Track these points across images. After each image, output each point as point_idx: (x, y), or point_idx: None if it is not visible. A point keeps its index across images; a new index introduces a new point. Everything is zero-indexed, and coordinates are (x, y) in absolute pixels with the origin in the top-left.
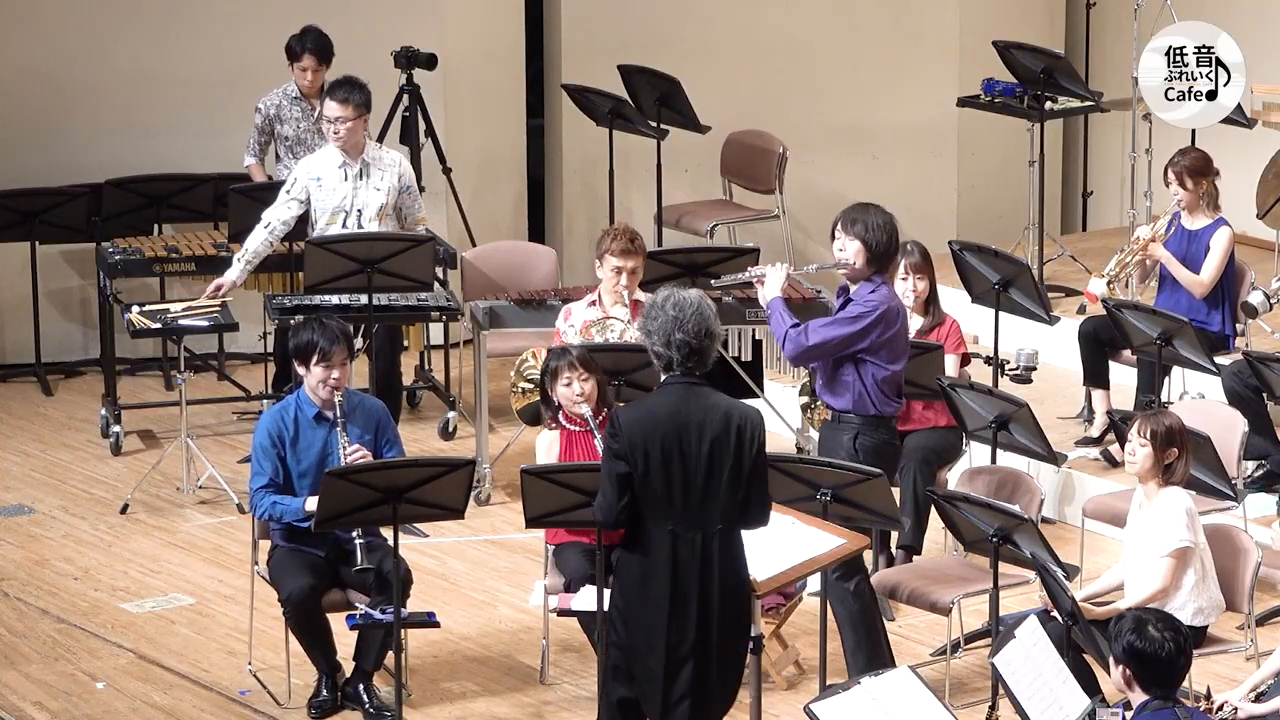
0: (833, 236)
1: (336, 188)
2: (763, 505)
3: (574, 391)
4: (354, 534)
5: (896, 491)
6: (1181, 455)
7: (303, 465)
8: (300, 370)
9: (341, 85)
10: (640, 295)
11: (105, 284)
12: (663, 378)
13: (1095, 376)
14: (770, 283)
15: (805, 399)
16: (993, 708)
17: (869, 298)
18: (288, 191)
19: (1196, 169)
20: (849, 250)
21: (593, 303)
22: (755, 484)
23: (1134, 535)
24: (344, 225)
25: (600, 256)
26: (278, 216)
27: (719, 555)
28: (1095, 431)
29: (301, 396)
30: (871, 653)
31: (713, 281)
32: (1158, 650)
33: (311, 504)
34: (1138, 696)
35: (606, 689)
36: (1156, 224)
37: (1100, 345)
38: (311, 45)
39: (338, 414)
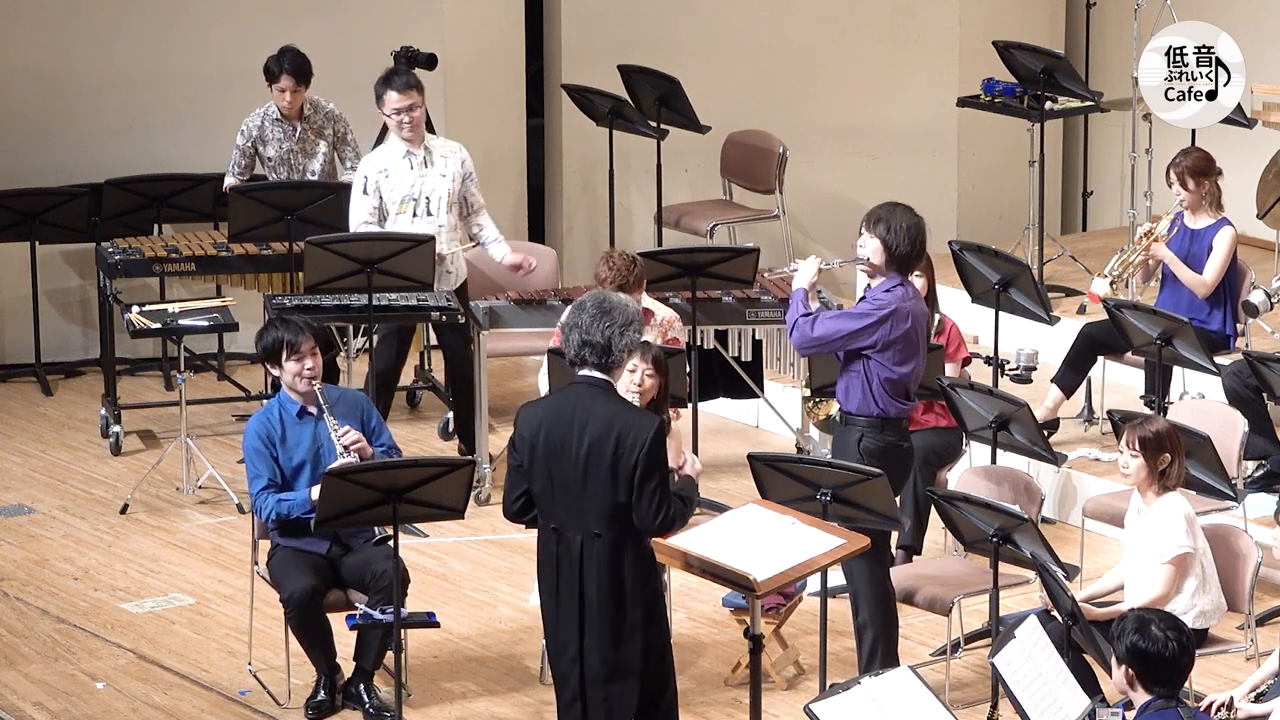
0: (860, 233)
1: (404, 177)
2: (652, 513)
3: (634, 379)
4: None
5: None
6: (1175, 459)
7: (295, 461)
8: (275, 371)
9: (398, 74)
10: (647, 302)
11: (105, 284)
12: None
13: (1064, 379)
14: (801, 273)
15: (808, 393)
16: (993, 707)
17: (881, 296)
18: (364, 192)
19: (1199, 169)
20: (868, 248)
21: None
22: (639, 492)
23: (1133, 541)
24: (414, 215)
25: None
26: (365, 223)
27: (597, 560)
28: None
29: (283, 397)
30: (888, 649)
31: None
32: (1161, 650)
33: (317, 492)
34: (1140, 697)
35: None
36: (1159, 224)
37: (1093, 353)
38: (289, 65)
39: (321, 403)
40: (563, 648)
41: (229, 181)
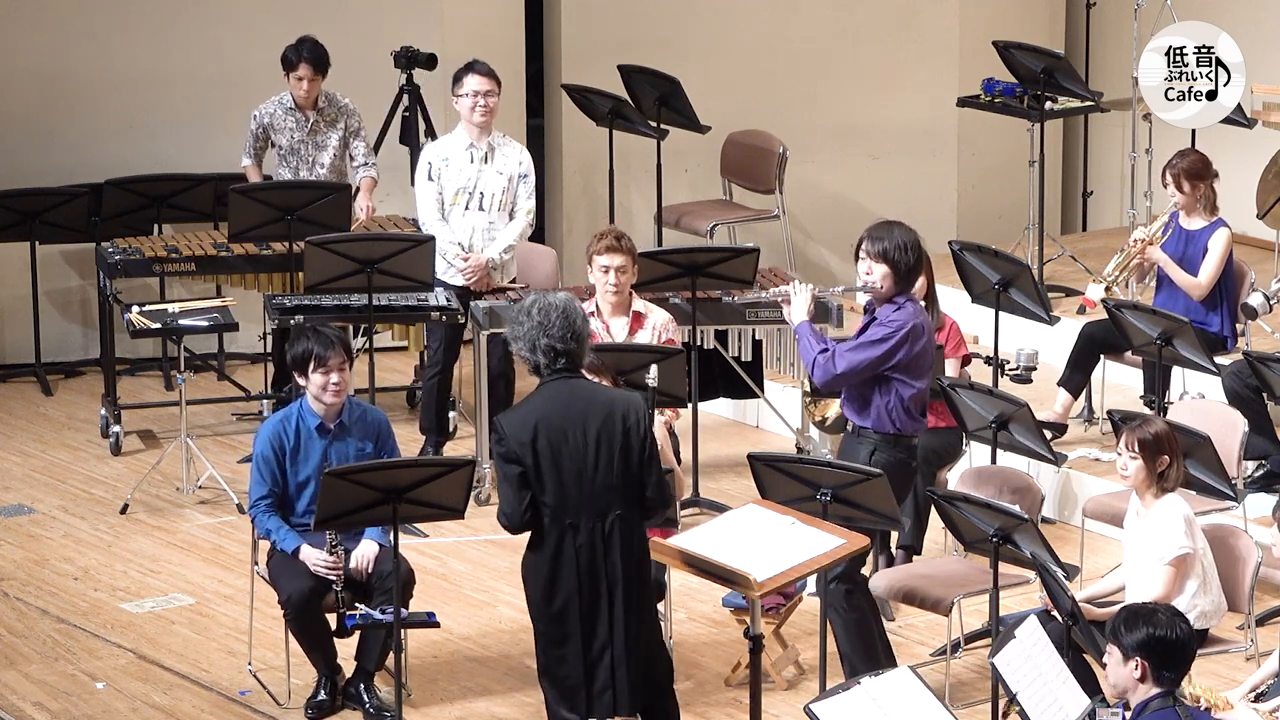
0: (857, 257)
1: (463, 169)
2: (659, 491)
3: None
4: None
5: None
6: (1173, 461)
7: (301, 477)
8: (300, 380)
9: (477, 61)
10: (639, 305)
11: (105, 284)
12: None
13: (1071, 381)
14: (796, 306)
15: (808, 390)
16: (993, 707)
17: (893, 317)
18: (429, 178)
19: (1194, 172)
20: (876, 274)
21: (591, 313)
22: (649, 466)
23: (1132, 543)
24: (467, 207)
25: (589, 258)
26: (434, 209)
27: (620, 539)
28: (1048, 415)
29: (304, 406)
30: (866, 661)
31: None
32: (1179, 635)
33: (305, 553)
34: (1140, 694)
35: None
36: (1152, 225)
37: (1095, 352)
38: (308, 55)
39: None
40: (587, 641)
41: (245, 161)
